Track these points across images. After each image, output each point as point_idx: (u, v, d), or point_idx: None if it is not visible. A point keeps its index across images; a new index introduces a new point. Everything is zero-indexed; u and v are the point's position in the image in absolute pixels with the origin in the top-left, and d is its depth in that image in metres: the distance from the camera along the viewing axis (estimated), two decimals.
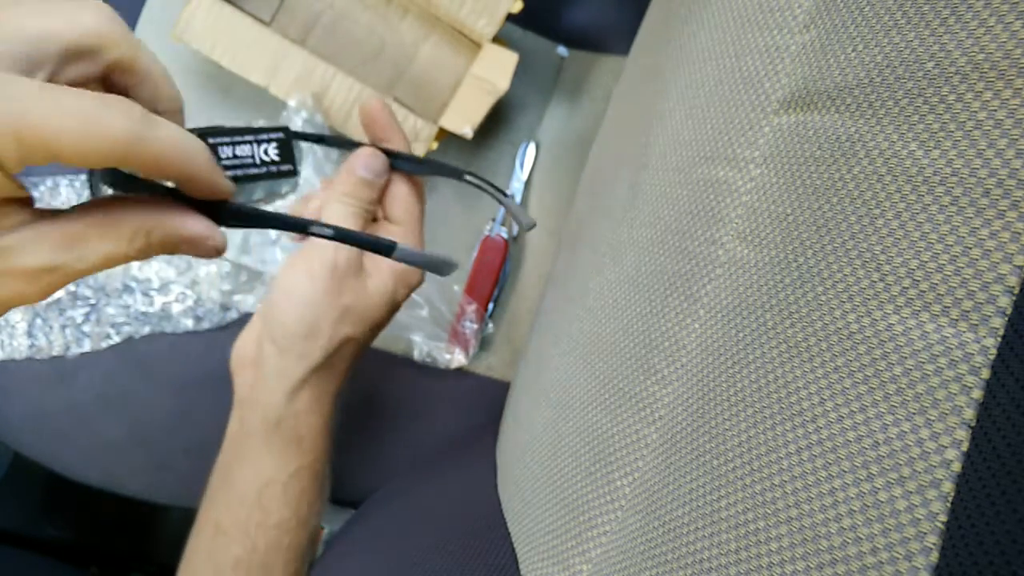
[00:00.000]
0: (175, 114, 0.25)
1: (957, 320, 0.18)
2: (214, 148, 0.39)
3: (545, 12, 0.61)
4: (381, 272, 0.38)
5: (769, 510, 0.21)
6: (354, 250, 0.36)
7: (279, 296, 0.36)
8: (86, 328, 0.58)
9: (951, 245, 0.19)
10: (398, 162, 0.39)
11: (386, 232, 0.39)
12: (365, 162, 0.37)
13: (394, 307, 0.39)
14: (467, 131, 0.54)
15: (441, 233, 0.60)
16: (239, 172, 0.42)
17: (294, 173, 0.44)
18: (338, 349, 0.36)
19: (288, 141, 0.44)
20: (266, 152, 0.43)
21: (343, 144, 0.45)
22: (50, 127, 0.18)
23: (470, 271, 0.58)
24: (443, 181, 0.60)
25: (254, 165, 0.43)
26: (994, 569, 0.15)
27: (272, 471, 0.35)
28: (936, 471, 0.17)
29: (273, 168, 0.43)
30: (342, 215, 0.36)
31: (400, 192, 0.39)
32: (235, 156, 0.42)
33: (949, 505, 0.17)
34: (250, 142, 0.42)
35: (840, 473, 0.19)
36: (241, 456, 0.36)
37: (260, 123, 0.48)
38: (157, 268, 0.58)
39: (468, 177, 0.41)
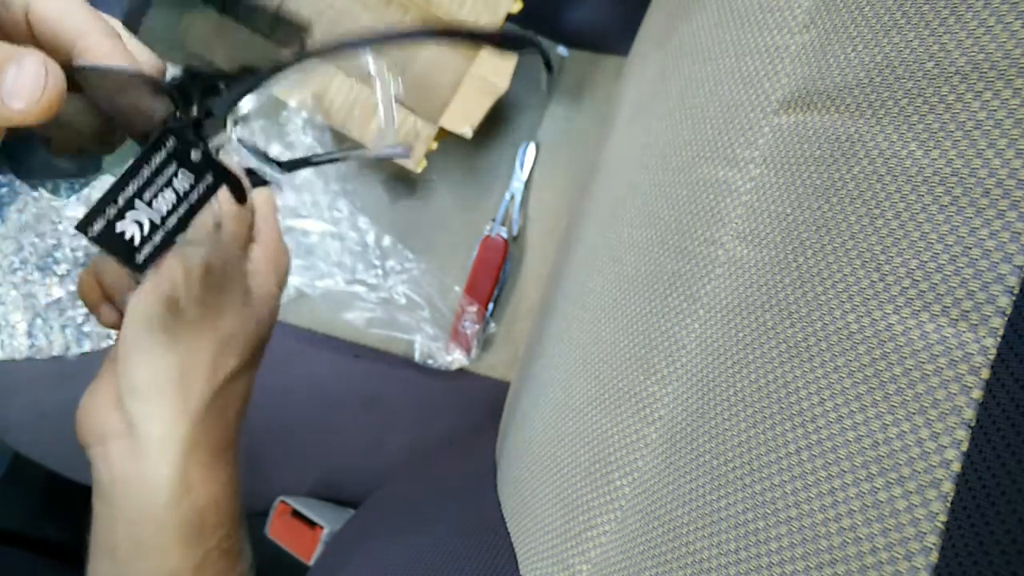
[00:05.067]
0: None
1: (957, 320, 0.18)
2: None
3: (545, 12, 0.61)
4: (260, 269, 0.30)
5: (769, 510, 0.21)
6: (235, 248, 0.28)
7: (136, 338, 0.27)
8: (86, 328, 0.58)
9: (951, 245, 0.19)
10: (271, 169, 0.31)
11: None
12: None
13: (279, 307, 0.31)
14: (467, 131, 0.54)
15: (441, 234, 0.60)
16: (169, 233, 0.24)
17: (223, 177, 0.24)
18: (223, 389, 0.29)
19: (184, 141, 0.23)
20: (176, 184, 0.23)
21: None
22: None
23: (470, 271, 0.58)
24: (441, 183, 0.60)
25: (179, 206, 0.23)
26: (994, 569, 0.15)
27: (175, 563, 0.28)
28: (936, 471, 0.17)
29: (198, 192, 0.23)
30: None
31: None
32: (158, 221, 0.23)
33: (949, 505, 0.17)
34: (149, 187, 0.23)
35: (840, 473, 0.19)
36: (131, 550, 0.28)
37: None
38: None
39: (316, 159, 0.34)
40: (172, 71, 0.23)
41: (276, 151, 0.59)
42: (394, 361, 0.58)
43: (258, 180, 0.33)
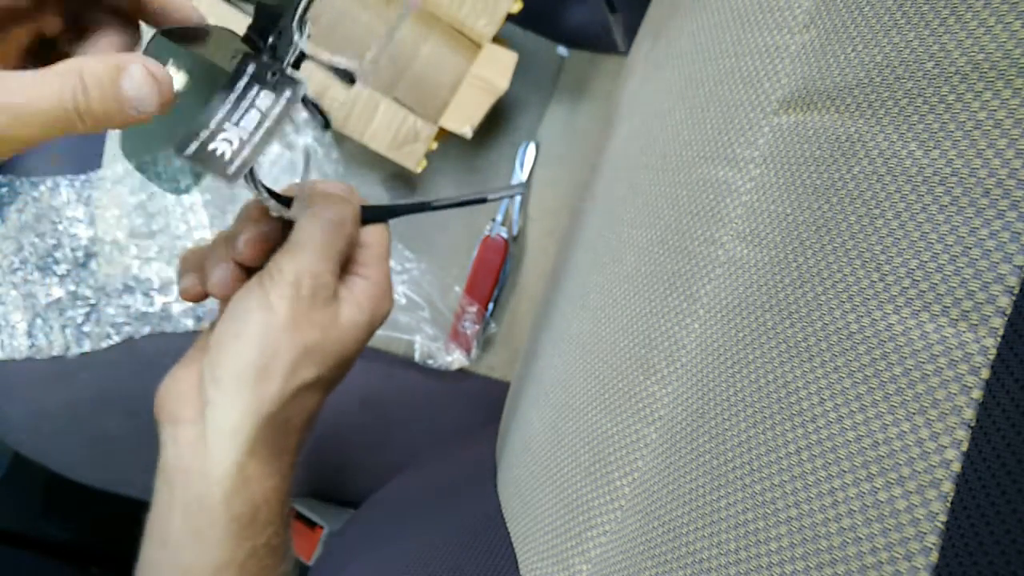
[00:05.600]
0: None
1: (957, 320, 0.18)
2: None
3: (545, 12, 0.61)
4: (357, 300, 0.32)
5: (769, 510, 0.21)
6: (326, 273, 0.30)
7: (227, 329, 0.30)
8: (86, 328, 0.58)
9: (951, 245, 0.19)
10: (367, 215, 0.34)
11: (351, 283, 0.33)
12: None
13: (367, 341, 0.33)
14: (467, 131, 0.54)
15: (441, 234, 0.60)
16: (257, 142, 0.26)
17: (295, 84, 0.27)
18: (295, 398, 0.30)
19: (259, 57, 0.27)
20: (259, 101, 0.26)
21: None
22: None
23: (470, 271, 0.58)
24: (443, 179, 0.60)
25: (264, 122, 0.26)
26: (994, 569, 0.15)
27: (225, 555, 0.29)
28: (936, 471, 0.17)
29: (279, 107, 0.26)
30: (321, 245, 0.30)
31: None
32: (242, 139, 0.26)
33: (949, 505, 0.17)
34: (235, 108, 0.26)
35: (840, 473, 0.19)
36: (183, 537, 0.29)
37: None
38: (157, 268, 0.58)
39: (436, 203, 0.38)
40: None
41: (275, 151, 0.59)
42: (394, 361, 0.58)
43: (371, 217, 0.34)
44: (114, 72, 0.22)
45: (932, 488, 0.17)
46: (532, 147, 0.60)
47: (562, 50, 0.62)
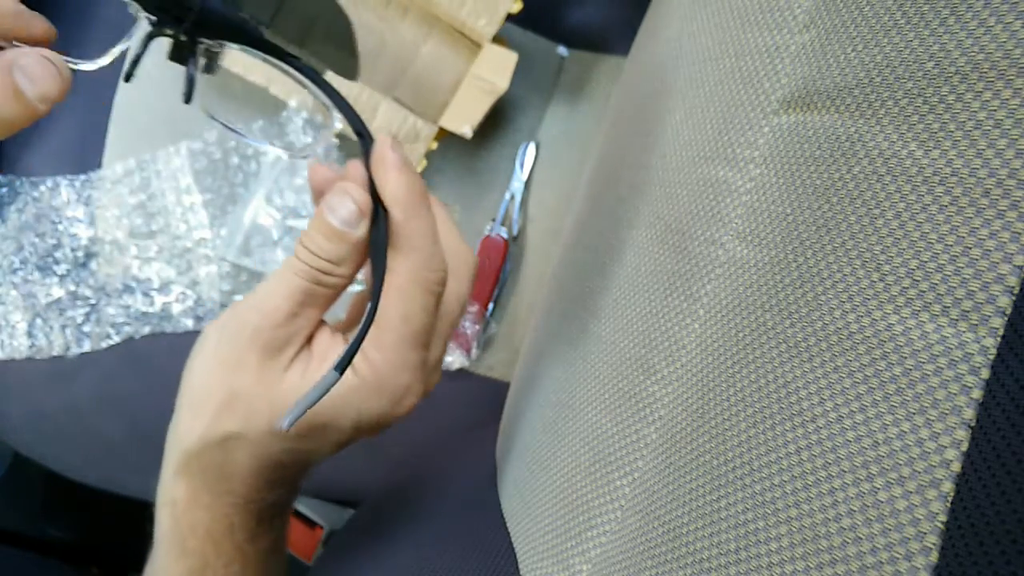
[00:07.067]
0: None
1: (957, 320, 0.18)
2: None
3: (545, 12, 0.61)
4: (316, 370, 0.27)
5: (769, 510, 0.21)
6: (305, 319, 0.26)
7: (196, 350, 0.28)
8: (86, 328, 0.58)
9: (951, 245, 0.19)
10: None
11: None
12: (331, 201, 0.26)
13: (334, 431, 0.28)
14: (467, 131, 0.54)
15: None
16: None
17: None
18: (220, 445, 0.27)
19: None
20: None
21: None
22: None
23: None
24: (443, 179, 0.60)
25: None
26: (994, 569, 0.15)
27: (164, 564, 0.29)
28: (936, 471, 0.17)
29: None
30: (282, 279, 0.26)
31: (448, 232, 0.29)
32: None
33: (949, 505, 0.17)
34: None
35: (840, 473, 0.19)
36: (155, 542, 0.30)
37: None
38: (158, 268, 0.58)
39: None
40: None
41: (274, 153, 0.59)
42: None
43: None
44: (4, 76, 0.20)
45: (932, 488, 0.17)
46: (532, 147, 0.60)
47: (562, 50, 0.62)
